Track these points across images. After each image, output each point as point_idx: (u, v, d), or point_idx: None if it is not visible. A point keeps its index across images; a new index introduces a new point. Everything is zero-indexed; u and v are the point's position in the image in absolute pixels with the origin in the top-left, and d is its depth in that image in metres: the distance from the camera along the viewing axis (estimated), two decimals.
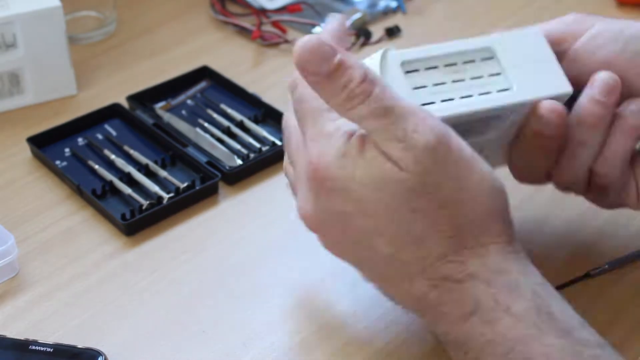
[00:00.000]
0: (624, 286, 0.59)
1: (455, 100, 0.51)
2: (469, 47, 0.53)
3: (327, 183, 0.48)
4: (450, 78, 0.52)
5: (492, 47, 0.53)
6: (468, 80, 0.52)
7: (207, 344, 0.56)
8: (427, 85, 0.52)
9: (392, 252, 0.48)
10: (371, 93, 0.46)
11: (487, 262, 0.47)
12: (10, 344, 0.54)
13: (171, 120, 0.74)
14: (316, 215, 0.50)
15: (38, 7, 0.74)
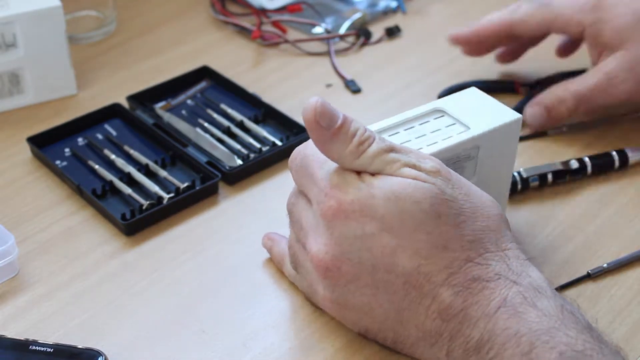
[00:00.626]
0: (624, 286, 0.59)
1: (424, 148, 0.56)
2: (421, 112, 0.58)
3: (345, 207, 0.50)
4: (413, 136, 0.57)
5: (440, 107, 0.59)
6: (429, 134, 0.57)
7: (207, 344, 0.56)
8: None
9: (416, 266, 0.49)
10: (375, 137, 0.51)
11: (510, 264, 0.50)
12: (11, 344, 0.54)
13: (171, 120, 0.74)
14: (330, 250, 0.51)
15: (38, 7, 0.74)
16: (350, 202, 0.50)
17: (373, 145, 0.51)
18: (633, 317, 0.58)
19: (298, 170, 0.54)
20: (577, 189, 0.68)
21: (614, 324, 0.57)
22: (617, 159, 0.69)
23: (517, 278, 0.49)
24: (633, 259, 0.61)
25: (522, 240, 0.63)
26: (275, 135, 0.73)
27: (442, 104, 0.59)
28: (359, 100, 0.80)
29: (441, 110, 0.59)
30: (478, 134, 0.57)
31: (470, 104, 0.59)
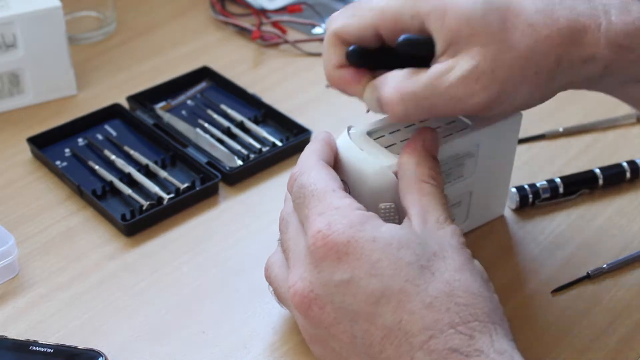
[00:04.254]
0: (623, 287, 0.59)
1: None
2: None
3: (335, 250, 0.48)
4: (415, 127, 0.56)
5: None
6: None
7: (207, 344, 0.56)
8: (395, 142, 0.56)
9: (397, 321, 0.46)
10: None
11: (494, 341, 0.45)
12: (11, 345, 0.54)
13: (171, 121, 0.74)
14: (314, 288, 0.49)
15: (38, 7, 0.74)
16: (346, 243, 0.47)
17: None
18: (633, 318, 0.58)
19: (296, 194, 0.52)
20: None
21: (613, 324, 0.57)
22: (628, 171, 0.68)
23: (496, 357, 0.44)
24: (633, 259, 0.61)
25: (522, 241, 0.63)
26: (275, 135, 0.73)
27: None
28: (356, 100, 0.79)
29: None
30: (478, 131, 0.57)
31: None
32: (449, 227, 0.50)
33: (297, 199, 0.52)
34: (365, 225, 0.48)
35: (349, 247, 0.47)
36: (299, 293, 0.49)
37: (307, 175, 0.52)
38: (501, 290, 0.59)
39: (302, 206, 0.51)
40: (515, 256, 0.62)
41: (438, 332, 0.45)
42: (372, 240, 0.47)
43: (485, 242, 0.63)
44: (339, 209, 0.49)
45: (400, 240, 0.48)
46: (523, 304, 0.59)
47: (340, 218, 0.48)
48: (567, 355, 0.55)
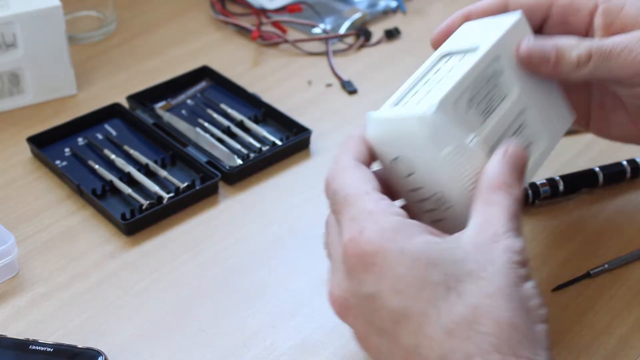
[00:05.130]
0: (624, 286, 0.59)
1: (447, 86, 0.51)
2: (428, 64, 0.55)
3: (367, 257, 0.45)
4: (432, 86, 0.52)
5: (444, 51, 0.56)
6: (447, 75, 0.53)
7: (207, 344, 0.56)
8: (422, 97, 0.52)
9: (415, 345, 0.44)
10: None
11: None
12: (11, 344, 0.54)
13: (171, 120, 0.74)
14: (347, 296, 0.47)
15: (38, 7, 0.74)
16: (374, 253, 0.44)
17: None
18: (633, 316, 0.57)
19: (331, 200, 0.49)
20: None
21: (614, 323, 0.57)
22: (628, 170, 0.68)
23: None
24: (633, 258, 0.61)
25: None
26: (275, 135, 0.73)
27: (444, 48, 0.56)
28: (355, 101, 0.80)
29: (446, 53, 0.55)
30: (489, 47, 0.53)
31: (470, 34, 0.57)
32: (505, 240, 0.45)
33: (332, 205, 0.49)
34: (398, 234, 0.45)
35: (376, 257, 0.44)
36: (337, 302, 0.48)
37: (339, 180, 0.49)
38: None
39: (337, 212, 0.48)
40: None
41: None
42: (400, 252, 0.44)
43: None
44: (371, 213, 0.46)
45: (430, 256, 0.44)
46: None
47: (372, 224, 0.45)
48: (567, 354, 0.55)
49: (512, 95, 0.55)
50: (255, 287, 0.60)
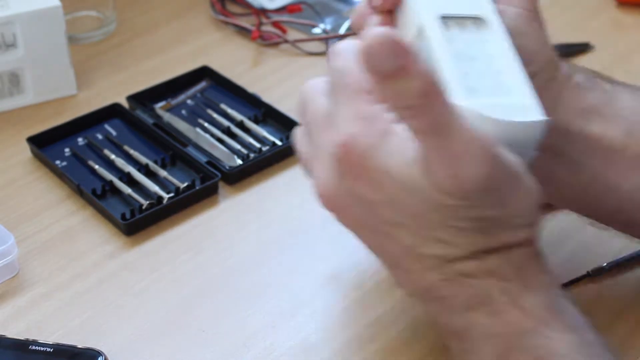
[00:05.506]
0: (624, 286, 0.59)
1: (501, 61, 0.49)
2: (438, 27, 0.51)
3: (357, 169, 0.45)
4: (482, 59, 0.50)
5: (439, 12, 0.51)
6: (484, 50, 0.50)
7: (207, 344, 0.56)
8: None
9: (413, 245, 0.46)
10: (428, 109, 0.42)
11: (508, 260, 0.45)
12: (11, 344, 0.54)
13: (171, 120, 0.74)
14: (338, 196, 0.47)
15: (38, 7, 0.74)
16: (364, 166, 0.45)
17: (417, 120, 0.43)
18: (633, 316, 0.57)
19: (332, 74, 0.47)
20: None
21: (614, 323, 0.57)
22: None
23: (510, 274, 0.45)
24: (633, 258, 0.61)
25: None
26: (275, 135, 0.73)
27: (435, 8, 0.51)
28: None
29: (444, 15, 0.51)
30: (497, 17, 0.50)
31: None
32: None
33: (332, 84, 0.48)
34: (384, 152, 0.45)
35: (367, 171, 0.45)
36: (324, 193, 0.48)
37: (343, 60, 0.47)
38: None
39: (334, 93, 0.48)
40: None
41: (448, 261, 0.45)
42: (385, 172, 0.45)
43: None
44: (365, 119, 0.45)
45: (413, 187, 0.44)
46: None
47: (364, 133, 0.45)
48: None
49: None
50: (255, 287, 0.60)
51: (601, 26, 0.88)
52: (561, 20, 0.89)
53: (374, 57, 0.41)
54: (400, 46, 0.41)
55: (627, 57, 0.84)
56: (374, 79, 0.42)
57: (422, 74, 0.41)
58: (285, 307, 0.58)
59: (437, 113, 0.42)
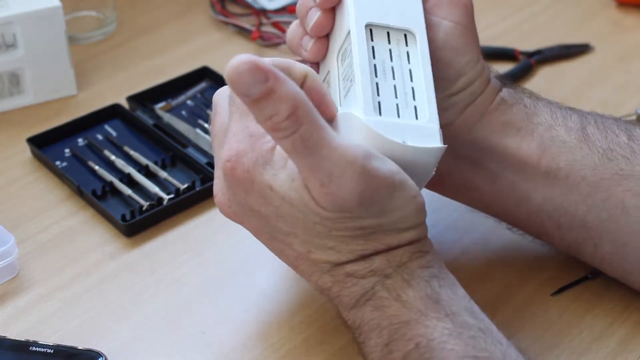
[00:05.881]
0: (623, 287, 0.59)
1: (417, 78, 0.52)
2: (360, 35, 0.52)
3: (244, 183, 0.49)
4: (399, 74, 0.52)
5: (366, 20, 0.53)
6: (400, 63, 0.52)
7: (207, 345, 0.56)
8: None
9: (306, 251, 0.50)
10: (297, 130, 0.44)
11: (391, 259, 0.50)
12: (11, 345, 0.54)
13: (171, 121, 0.74)
14: (232, 205, 0.52)
15: (38, 7, 0.74)
16: (250, 181, 0.49)
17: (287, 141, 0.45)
18: (632, 319, 0.58)
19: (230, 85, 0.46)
20: None
21: (613, 325, 0.57)
22: None
23: (392, 271, 0.49)
24: None
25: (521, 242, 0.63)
26: None
27: (362, 15, 0.52)
28: None
29: (370, 23, 0.52)
30: (424, 31, 0.52)
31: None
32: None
33: (230, 96, 0.51)
34: (267, 168, 0.48)
35: (253, 186, 0.49)
36: (220, 205, 0.53)
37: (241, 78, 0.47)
38: (501, 291, 0.59)
39: (230, 110, 0.51)
40: (515, 258, 0.62)
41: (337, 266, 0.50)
42: (269, 188, 0.48)
43: (485, 244, 0.63)
44: (252, 136, 0.49)
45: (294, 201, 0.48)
46: (523, 305, 0.59)
47: (249, 150, 0.49)
48: (566, 357, 0.55)
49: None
50: (255, 288, 0.60)
51: (601, 27, 0.88)
52: (561, 20, 0.89)
53: (239, 83, 0.43)
54: (263, 71, 0.43)
55: (627, 57, 0.84)
56: (244, 103, 0.44)
57: (289, 96, 0.44)
58: (285, 308, 0.59)
59: (305, 133, 0.44)
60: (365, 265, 0.50)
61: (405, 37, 0.53)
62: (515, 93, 0.58)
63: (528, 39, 0.85)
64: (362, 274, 0.50)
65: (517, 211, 0.58)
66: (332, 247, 0.49)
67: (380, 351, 0.49)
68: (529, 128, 0.56)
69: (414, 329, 0.48)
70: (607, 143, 0.55)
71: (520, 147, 0.56)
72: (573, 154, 0.55)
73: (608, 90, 0.79)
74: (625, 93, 0.79)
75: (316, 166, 0.45)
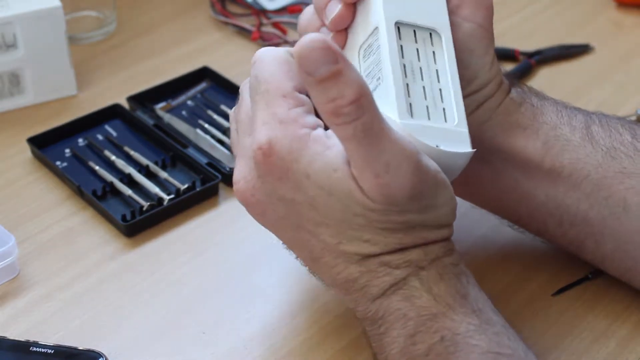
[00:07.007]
0: (624, 288, 0.59)
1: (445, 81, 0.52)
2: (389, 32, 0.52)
3: (278, 171, 0.48)
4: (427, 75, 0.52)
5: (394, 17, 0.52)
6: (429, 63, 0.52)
7: (207, 345, 0.56)
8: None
9: (336, 242, 0.49)
10: (359, 118, 0.44)
11: (428, 252, 0.49)
12: (11, 346, 0.54)
13: (171, 121, 0.74)
14: (255, 194, 0.50)
15: (38, 7, 0.74)
16: (285, 169, 0.47)
17: (348, 127, 0.44)
18: (632, 319, 0.58)
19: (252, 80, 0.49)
20: None
21: (613, 326, 0.57)
22: None
23: (427, 264, 0.49)
24: None
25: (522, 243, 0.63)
26: None
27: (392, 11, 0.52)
28: None
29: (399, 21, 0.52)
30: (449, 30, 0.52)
31: None
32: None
33: (251, 86, 0.51)
34: (303, 155, 0.47)
35: (288, 174, 0.47)
36: (240, 192, 0.51)
37: (263, 66, 0.50)
38: (501, 291, 0.59)
39: (254, 100, 0.50)
40: (515, 258, 0.62)
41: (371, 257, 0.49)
42: (306, 176, 0.47)
43: (485, 244, 0.63)
44: (282, 123, 0.47)
45: (334, 190, 0.47)
46: (523, 305, 0.59)
47: (282, 137, 0.47)
48: (567, 357, 0.55)
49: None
50: (256, 288, 0.60)
51: (600, 27, 0.88)
52: (560, 21, 0.89)
53: (308, 61, 0.43)
54: (334, 52, 0.43)
55: (627, 57, 0.84)
56: (307, 82, 0.44)
57: (356, 82, 0.44)
58: (285, 309, 0.59)
59: (367, 122, 0.44)
60: (401, 257, 0.49)
61: (430, 36, 0.53)
62: (523, 92, 0.58)
63: (528, 39, 0.85)
64: (396, 264, 0.49)
65: (520, 208, 0.58)
66: (368, 239, 0.48)
67: (403, 342, 0.48)
68: (534, 127, 0.56)
69: (440, 322, 0.48)
70: (611, 142, 0.56)
71: (525, 146, 0.56)
72: (577, 152, 0.55)
73: (608, 90, 0.80)
74: (625, 93, 0.79)
75: (374, 157, 0.45)
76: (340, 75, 0.43)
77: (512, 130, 0.56)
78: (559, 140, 0.56)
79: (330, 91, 0.43)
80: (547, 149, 0.56)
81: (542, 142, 0.56)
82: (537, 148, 0.56)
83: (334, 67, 0.43)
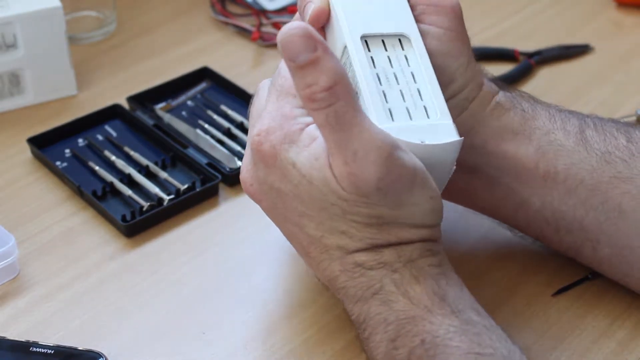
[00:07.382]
0: (623, 288, 0.59)
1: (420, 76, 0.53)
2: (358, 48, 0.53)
3: (268, 158, 0.50)
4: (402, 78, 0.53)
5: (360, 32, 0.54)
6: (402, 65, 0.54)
7: (207, 345, 0.56)
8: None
9: (319, 236, 0.50)
10: (332, 104, 0.46)
11: (401, 253, 0.50)
12: (11, 346, 0.54)
13: (171, 121, 0.74)
14: (254, 183, 0.52)
15: (38, 7, 0.74)
16: (274, 156, 0.49)
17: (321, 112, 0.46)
18: (632, 319, 0.58)
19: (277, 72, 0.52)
20: None
21: (613, 326, 0.57)
22: None
23: (400, 266, 0.49)
24: None
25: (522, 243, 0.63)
26: None
27: (356, 28, 0.53)
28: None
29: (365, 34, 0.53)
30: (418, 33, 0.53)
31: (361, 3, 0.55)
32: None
33: (274, 76, 0.53)
34: (293, 146, 0.49)
35: (276, 161, 0.50)
36: (243, 181, 0.54)
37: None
38: (501, 292, 0.59)
39: (270, 90, 0.52)
40: (515, 258, 0.62)
41: (348, 253, 0.50)
42: (292, 165, 0.49)
43: (485, 244, 0.63)
44: (284, 116, 0.50)
45: (314, 178, 0.48)
46: (523, 305, 0.59)
47: (278, 128, 0.50)
48: (566, 358, 0.55)
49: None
50: (256, 288, 0.60)
51: (600, 27, 0.88)
52: (560, 21, 0.89)
53: (289, 46, 0.45)
54: (314, 40, 0.45)
55: (627, 58, 0.84)
56: (289, 68, 0.46)
57: (332, 70, 0.46)
58: (285, 308, 0.59)
59: (340, 109, 0.46)
60: (375, 257, 0.49)
61: (400, 41, 0.54)
62: (513, 97, 0.58)
63: (528, 39, 0.85)
64: (370, 265, 0.50)
65: (516, 216, 0.58)
66: (345, 231, 0.49)
67: (385, 347, 0.49)
68: (526, 132, 0.56)
69: (419, 325, 0.48)
70: (606, 146, 0.55)
71: (517, 152, 0.56)
72: (571, 157, 0.55)
73: (608, 91, 0.79)
74: (625, 93, 0.79)
75: (344, 143, 0.46)
76: (317, 62, 0.45)
77: (503, 136, 0.56)
78: (552, 146, 0.56)
79: (307, 77, 0.46)
80: (541, 154, 0.56)
81: (535, 148, 0.56)
82: (530, 153, 0.56)
83: (312, 55, 0.45)
